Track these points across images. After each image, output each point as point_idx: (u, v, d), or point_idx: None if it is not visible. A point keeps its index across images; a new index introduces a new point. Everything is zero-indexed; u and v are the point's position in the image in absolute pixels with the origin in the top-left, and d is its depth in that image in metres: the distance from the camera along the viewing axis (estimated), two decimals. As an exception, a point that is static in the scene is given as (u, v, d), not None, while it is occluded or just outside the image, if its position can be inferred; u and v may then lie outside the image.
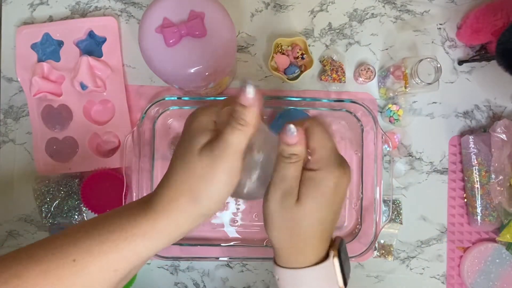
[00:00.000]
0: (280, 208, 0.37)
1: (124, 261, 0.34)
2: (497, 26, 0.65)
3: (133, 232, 0.33)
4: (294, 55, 0.69)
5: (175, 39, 0.52)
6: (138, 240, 0.33)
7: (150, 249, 0.35)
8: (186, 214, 0.34)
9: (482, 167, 0.68)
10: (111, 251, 0.33)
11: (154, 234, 0.34)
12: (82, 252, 0.33)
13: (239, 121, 0.34)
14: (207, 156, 0.33)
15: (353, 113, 0.69)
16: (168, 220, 0.34)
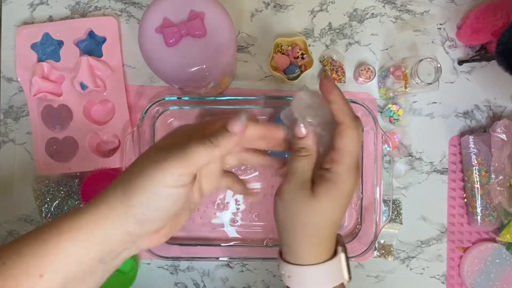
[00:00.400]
0: (294, 199, 0.37)
1: (48, 264, 0.31)
2: (497, 26, 0.65)
3: (59, 229, 0.32)
4: (294, 55, 0.69)
5: (175, 39, 0.52)
6: (61, 239, 0.31)
7: (75, 251, 0.32)
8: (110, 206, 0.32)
9: (482, 167, 0.68)
10: (37, 252, 0.31)
11: (77, 231, 0.32)
12: (13, 254, 0.31)
13: (213, 139, 0.33)
14: (159, 156, 0.32)
15: (353, 113, 0.69)
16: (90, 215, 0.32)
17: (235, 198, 0.70)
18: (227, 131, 0.34)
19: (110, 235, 0.32)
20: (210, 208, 0.70)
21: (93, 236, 0.32)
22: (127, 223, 0.32)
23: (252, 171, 0.70)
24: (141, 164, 0.32)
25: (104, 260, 0.33)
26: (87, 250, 0.32)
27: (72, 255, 0.32)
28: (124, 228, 0.32)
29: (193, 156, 0.32)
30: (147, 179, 0.31)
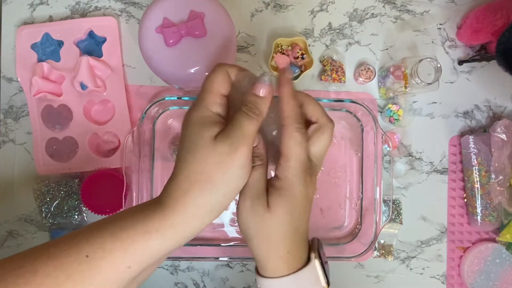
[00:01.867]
0: (252, 215, 0.37)
1: (137, 258, 0.33)
2: (497, 26, 0.65)
3: (145, 229, 0.33)
4: (294, 55, 0.69)
5: (175, 39, 0.52)
6: (150, 237, 0.33)
7: (164, 245, 0.34)
8: (200, 205, 0.34)
9: (482, 167, 0.68)
10: (123, 247, 0.33)
11: (167, 230, 0.33)
12: (95, 248, 0.32)
13: (254, 110, 0.35)
14: (224, 143, 0.34)
15: (353, 113, 0.69)
16: (180, 215, 0.34)
17: (235, 198, 0.70)
18: (259, 96, 0.36)
19: (197, 229, 0.35)
20: (210, 208, 0.70)
21: (182, 233, 0.34)
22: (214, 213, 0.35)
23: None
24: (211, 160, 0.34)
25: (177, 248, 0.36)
26: (175, 245, 0.34)
27: (160, 251, 0.34)
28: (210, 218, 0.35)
29: (249, 133, 0.35)
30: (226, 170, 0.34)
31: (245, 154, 0.35)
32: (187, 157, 0.35)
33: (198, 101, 0.37)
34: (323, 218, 0.70)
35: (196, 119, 0.36)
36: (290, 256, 0.38)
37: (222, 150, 0.34)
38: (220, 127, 0.35)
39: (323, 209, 0.70)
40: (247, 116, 0.35)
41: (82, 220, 0.69)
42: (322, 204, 0.70)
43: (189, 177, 0.34)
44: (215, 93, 0.37)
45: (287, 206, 0.37)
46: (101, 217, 0.68)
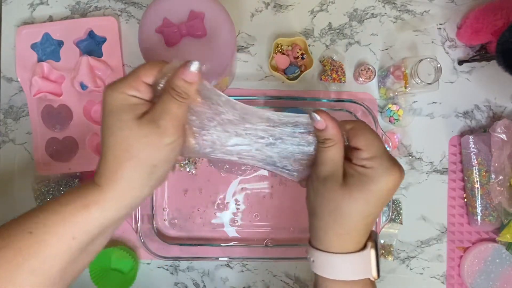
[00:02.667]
0: (323, 187, 0.38)
1: (80, 228, 0.35)
2: (497, 26, 0.65)
3: (84, 203, 0.36)
4: (294, 55, 0.69)
5: (175, 39, 0.52)
6: (90, 209, 0.35)
7: (104, 215, 0.36)
8: (132, 180, 0.36)
9: (482, 167, 0.68)
10: (65, 220, 0.35)
11: (106, 202, 0.36)
12: (38, 225, 0.35)
13: (181, 94, 0.37)
14: (150, 125, 0.36)
15: (353, 113, 0.69)
16: (115, 190, 0.36)
17: (235, 198, 0.70)
18: (186, 81, 0.37)
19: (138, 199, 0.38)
20: (210, 208, 0.70)
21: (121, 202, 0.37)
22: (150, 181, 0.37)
23: (252, 171, 0.70)
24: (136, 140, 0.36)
25: (129, 213, 0.38)
26: (116, 214, 0.37)
27: (102, 220, 0.36)
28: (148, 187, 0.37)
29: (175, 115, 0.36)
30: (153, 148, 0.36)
31: (173, 134, 0.36)
32: (110, 141, 0.36)
33: (114, 86, 0.37)
34: (323, 218, 0.70)
35: (113, 104, 0.37)
36: (346, 237, 0.38)
37: (149, 130, 0.35)
38: (142, 109, 0.37)
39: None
40: (174, 100, 0.36)
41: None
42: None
43: (116, 159, 0.36)
44: (135, 79, 0.37)
45: (366, 192, 0.37)
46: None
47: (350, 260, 0.38)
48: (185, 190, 0.70)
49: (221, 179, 0.70)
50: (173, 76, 0.37)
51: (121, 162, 0.36)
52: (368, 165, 0.37)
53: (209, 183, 0.70)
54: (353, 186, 0.37)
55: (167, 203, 0.70)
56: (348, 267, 0.39)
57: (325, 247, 0.39)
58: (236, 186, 0.70)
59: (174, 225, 0.70)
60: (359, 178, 0.37)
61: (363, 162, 0.37)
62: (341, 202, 0.37)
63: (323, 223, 0.39)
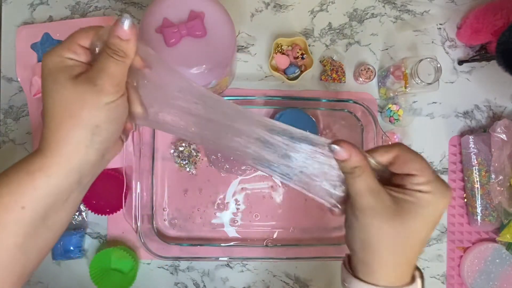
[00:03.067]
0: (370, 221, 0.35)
1: (28, 197, 0.34)
2: (497, 26, 0.65)
3: (27, 170, 0.34)
4: (294, 55, 0.69)
5: (175, 39, 0.52)
6: (34, 176, 0.34)
7: (52, 182, 0.35)
8: (74, 141, 0.35)
9: (482, 167, 0.68)
10: (11, 191, 0.34)
11: (51, 167, 0.34)
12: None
13: (118, 53, 0.35)
14: (87, 84, 0.35)
15: (353, 113, 0.69)
16: (58, 154, 0.35)
17: (235, 198, 0.70)
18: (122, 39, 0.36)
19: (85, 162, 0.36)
20: (210, 208, 0.70)
21: (67, 166, 0.35)
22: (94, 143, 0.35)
23: (252, 171, 0.70)
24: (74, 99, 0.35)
25: (81, 181, 0.36)
26: (64, 180, 0.35)
27: (50, 187, 0.35)
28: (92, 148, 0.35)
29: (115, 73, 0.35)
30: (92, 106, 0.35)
31: (112, 94, 0.35)
32: (48, 103, 0.35)
33: (52, 50, 0.36)
34: (324, 218, 0.70)
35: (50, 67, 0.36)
36: (403, 268, 0.36)
37: (85, 89, 0.34)
38: (78, 70, 0.36)
39: (323, 209, 0.70)
40: (111, 59, 0.35)
41: (82, 220, 0.69)
42: (322, 204, 0.70)
43: (55, 119, 0.35)
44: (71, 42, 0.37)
45: (424, 219, 0.35)
46: (101, 217, 0.68)
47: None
48: (185, 190, 0.70)
49: (221, 179, 0.70)
50: (108, 35, 0.36)
51: (60, 122, 0.35)
52: (425, 189, 0.35)
53: (209, 183, 0.70)
54: (409, 213, 0.35)
55: (167, 203, 0.70)
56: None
57: (379, 281, 0.36)
58: (236, 186, 0.70)
59: (174, 225, 0.70)
60: (415, 203, 0.35)
61: (419, 187, 0.35)
62: (398, 233, 0.35)
63: (378, 257, 0.36)
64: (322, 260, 0.69)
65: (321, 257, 0.68)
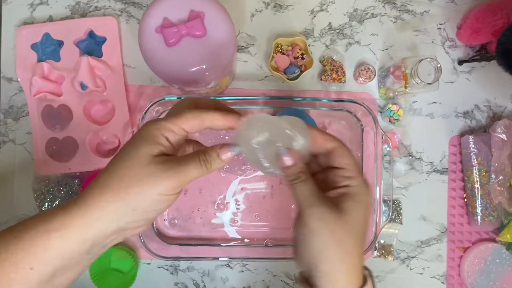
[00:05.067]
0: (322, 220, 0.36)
1: (38, 258, 0.33)
2: (497, 26, 0.65)
3: (46, 227, 0.33)
4: (294, 55, 0.69)
5: (175, 39, 0.52)
6: (50, 236, 0.33)
7: (64, 245, 0.34)
8: (105, 211, 0.34)
9: (482, 167, 0.68)
10: (25, 248, 0.33)
11: (66, 230, 0.33)
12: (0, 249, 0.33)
13: (207, 164, 0.37)
14: (161, 166, 0.35)
15: (353, 113, 0.69)
16: (83, 215, 0.34)
17: (235, 198, 0.70)
18: (220, 158, 0.37)
19: (101, 233, 0.35)
20: (210, 208, 0.70)
21: (84, 235, 0.34)
22: (121, 222, 0.35)
23: (253, 171, 0.70)
24: (137, 172, 0.35)
25: (92, 251, 0.36)
26: (77, 246, 0.34)
27: (61, 251, 0.34)
28: (116, 225, 0.35)
29: (189, 176, 0.36)
30: (147, 188, 0.34)
31: (172, 186, 0.35)
32: (116, 161, 0.36)
33: (155, 121, 0.37)
34: (323, 218, 0.70)
35: (144, 133, 0.37)
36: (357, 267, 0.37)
37: (154, 171, 0.35)
38: (161, 150, 0.36)
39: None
40: (199, 164, 0.36)
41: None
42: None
43: (107, 182, 0.35)
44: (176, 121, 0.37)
45: (361, 211, 0.37)
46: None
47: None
48: (185, 190, 0.70)
49: (221, 179, 0.70)
50: (212, 147, 0.38)
51: (106, 188, 0.34)
52: (353, 183, 0.38)
53: (209, 183, 0.70)
54: (349, 209, 0.37)
55: (167, 203, 0.69)
56: None
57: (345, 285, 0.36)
58: (236, 186, 0.70)
59: (174, 225, 0.70)
60: (352, 199, 0.37)
61: (348, 181, 0.38)
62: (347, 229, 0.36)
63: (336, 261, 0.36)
64: (322, 260, 0.69)
65: (321, 257, 0.68)
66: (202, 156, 0.37)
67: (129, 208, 0.34)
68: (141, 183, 0.34)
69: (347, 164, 0.38)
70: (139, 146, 0.36)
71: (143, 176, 0.34)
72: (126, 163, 0.35)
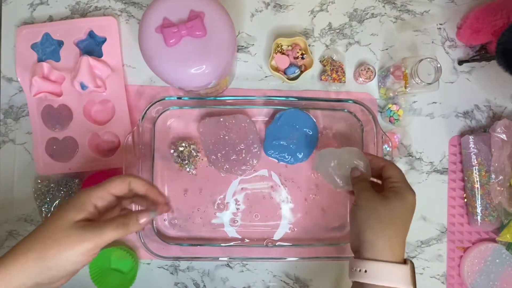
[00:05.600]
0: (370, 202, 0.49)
1: None
2: (497, 26, 0.65)
3: None
4: (294, 55, 0.69)
5: (175, 39, 0.52)
6: None
7: None
8: (26, 267, 0.40)
9: (482, 167, 0.68)
10: None
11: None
12: None
13: (126, 227, 0.44)
14: (80, 230, 0.41)
15: (353, 113, 0.69)
16: (3, 272, 0.39)
17: (235, 198, 0.70)
18: (138, 221, 0.45)
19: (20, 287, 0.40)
20: (210, 208, 0.70)
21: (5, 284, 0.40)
22: (38, 279, 0.40)
23: (253, 171, 0.70)
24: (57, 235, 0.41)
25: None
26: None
27: None
28: (34, 281, 0.40)
29: (107, 238, 0.42)
30: (63, 249, 0.40)
31: (88, 249, 0.41)
32: (44, 224, 0.42)
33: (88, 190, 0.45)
34: (324, 218, 0.70)
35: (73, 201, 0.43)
36: (394, 241, 0.47)
37: (72, 235, 0.41)
38: (85, 216, 0.43)
39: (324, 209, 0.70)
40: (116, 227, 0.43)
41: (82, 220, 0.69)
42: (323, 204, 0.70)
43: (31, 242, 0.41)
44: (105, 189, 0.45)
45: (400, 201, 0.49)
46: (101, 217, 0.68)
47: (398, 270, 0.46)
48: (185, 190, 0.70)
49: (221, 179, 0.70)
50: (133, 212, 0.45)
51: (30, 248, 0.40)
52: (397, 185, 0.50)
53: (209, 183, 0.70)
54: (391, 197, 0.49)
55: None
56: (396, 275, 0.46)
57: (379, 254, 0.47)
58: (236, 186, 0.70)
59: (174, 225, 0.70)
60: (394, 191, 0.50)
61: (395, 184, 0.51)
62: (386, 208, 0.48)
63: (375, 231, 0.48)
64: (322, 260, 0.69)
65: (321, 257, 0.68)
66: (122, 219, 0.44)
67: (45, 267, 0.40)
68: (59, 245, 0.40)
69: (393, 174, 0.52)
70: (65, 212, 0.42)
71: (62, 239, 0.40)
72: (50, 227, 0.41)
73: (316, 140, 0.68)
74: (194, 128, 0.70)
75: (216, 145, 0.67)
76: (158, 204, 0.50)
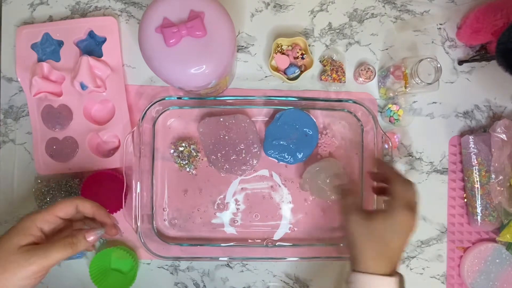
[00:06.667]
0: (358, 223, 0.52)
1: None
2: (497, 26, 0.65)
3: None
4: (294, 55, 0.69)
5: (175, 39, 0.52)
6: None
7: None
8: None
9: (482, 167, 0.68)
10: None
11: None
12: None
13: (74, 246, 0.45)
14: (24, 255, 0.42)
15: (353, 113, 0.69)
16: None
17: (235, 198, 0.70)
18: (85, 239, 0.46)
19: None
20: (210, 208, 0.70)
21: None
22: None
23: (253, 171, 0.70)
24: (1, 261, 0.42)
25: None
26: None
27: None
28: None
29: (54, 259, 0.43)
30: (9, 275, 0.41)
31: (34, 271, 0.42)
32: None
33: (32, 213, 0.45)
34: (324, 218, 0.70)
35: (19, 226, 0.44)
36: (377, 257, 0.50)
37: (18, 259, 0.41)
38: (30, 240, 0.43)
39: (324, 209, 0.70)
40: (63, 247, 0.44)
41: (82, 220, 0.69)
42: (323, 204, 0.70)
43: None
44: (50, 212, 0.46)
45: (383, 222, 0.51)
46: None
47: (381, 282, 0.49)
48: (185, 190, 0.70)
49: (221, 179, 0.70)
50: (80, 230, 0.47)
51: None
52: (391, 204, 0.51)
53: (209, 183, 0.70)
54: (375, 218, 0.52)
55: (167, 203, 0.70)
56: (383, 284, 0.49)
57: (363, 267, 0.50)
58: (236, 186, 0.70)
59: (174, 225, 0.70)
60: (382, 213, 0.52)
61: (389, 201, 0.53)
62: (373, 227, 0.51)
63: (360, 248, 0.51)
64: (322, 260, 0.69)
65: (321, 257, 0.68)
66: (70, 239, 0.45)
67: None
68: (5, 271, 0.41)
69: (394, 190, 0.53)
70: (10, 237, 0.43)
71: (6, 264, 0.41)
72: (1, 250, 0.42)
73: (316, 140, 0.68)
74: (194, 128, 0.70)
75: (216, 145, 0.67)
76: (106, 226, 0.51)
